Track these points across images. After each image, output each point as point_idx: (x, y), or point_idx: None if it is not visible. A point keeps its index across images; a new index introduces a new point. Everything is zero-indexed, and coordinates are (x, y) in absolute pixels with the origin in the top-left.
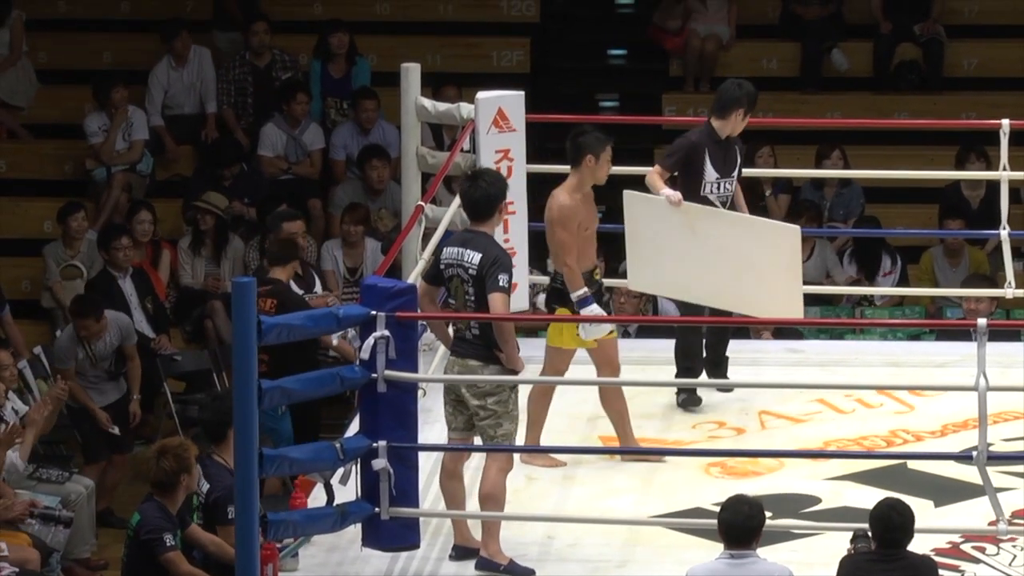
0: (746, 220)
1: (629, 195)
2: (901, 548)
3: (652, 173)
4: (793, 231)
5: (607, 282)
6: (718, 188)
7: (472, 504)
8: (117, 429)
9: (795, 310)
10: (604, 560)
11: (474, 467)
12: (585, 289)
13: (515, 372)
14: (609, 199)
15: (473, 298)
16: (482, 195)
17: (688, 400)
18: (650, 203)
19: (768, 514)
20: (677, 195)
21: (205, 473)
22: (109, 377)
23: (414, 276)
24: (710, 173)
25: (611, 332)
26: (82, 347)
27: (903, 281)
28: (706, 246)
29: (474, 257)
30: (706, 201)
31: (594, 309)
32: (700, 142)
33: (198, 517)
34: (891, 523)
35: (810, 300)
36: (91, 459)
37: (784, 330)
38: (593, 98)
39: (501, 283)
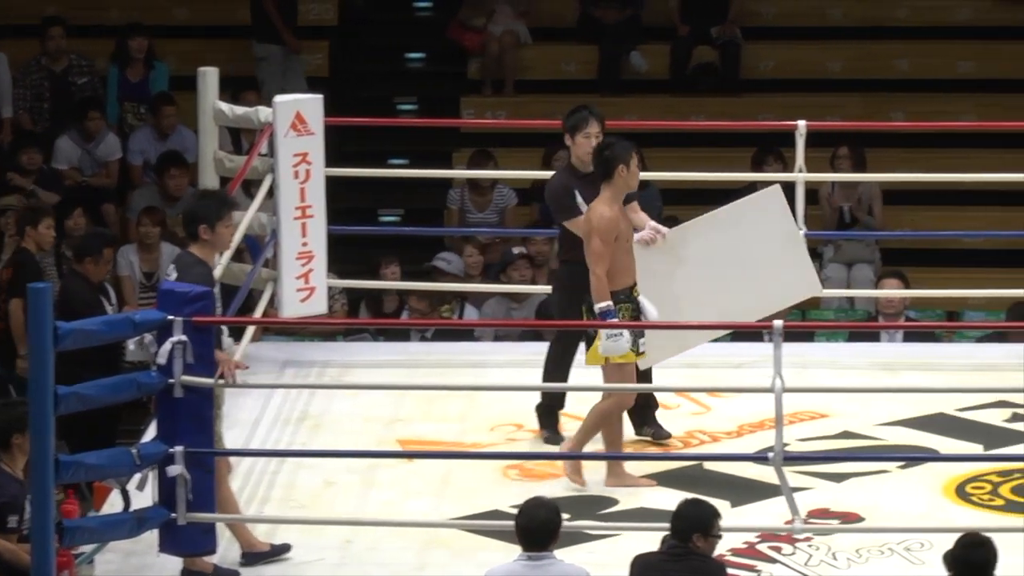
0: (720, 212)
1: None
2: (688, 543)
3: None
4: (773, 191)
5: (399, 284)
6: None
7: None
8: None
9: (812, 283)
10: (402, 563)
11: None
12: (609, 302)
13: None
14: (412, 200)
15: None
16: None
17: (551, 439)
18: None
19: (565, 516)
20: (648, 233)
21: None
22: None
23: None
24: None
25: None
26: None
27: None
28: (700, 266)
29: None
30: None
31: None
32: (566, 182)
33: None
34: (677, 514)
35: None
36: None
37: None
38: (391, 101)
39: None
